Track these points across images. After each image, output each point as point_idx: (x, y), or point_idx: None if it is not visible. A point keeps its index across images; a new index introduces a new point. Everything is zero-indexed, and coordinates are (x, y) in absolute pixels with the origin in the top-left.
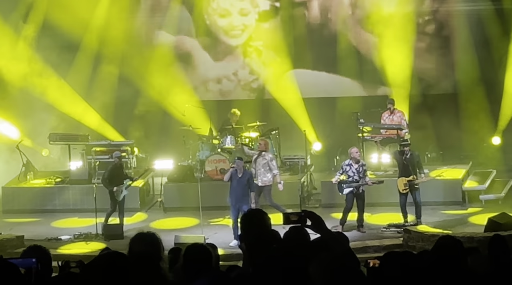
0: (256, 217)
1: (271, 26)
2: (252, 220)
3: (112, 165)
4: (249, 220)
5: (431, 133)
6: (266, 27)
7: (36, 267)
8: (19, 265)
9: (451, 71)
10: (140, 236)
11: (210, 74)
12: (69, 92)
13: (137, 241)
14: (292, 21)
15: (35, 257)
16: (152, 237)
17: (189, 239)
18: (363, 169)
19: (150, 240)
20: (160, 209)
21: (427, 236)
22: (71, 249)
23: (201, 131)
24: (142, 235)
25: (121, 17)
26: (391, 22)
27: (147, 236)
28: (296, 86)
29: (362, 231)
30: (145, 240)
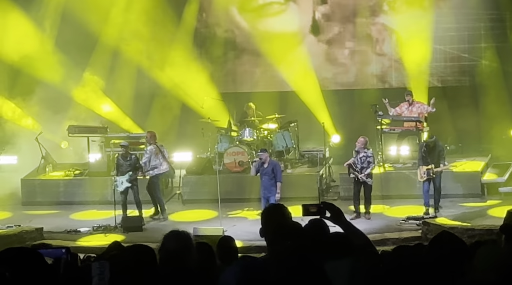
0: (275, 212)
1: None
2: (271, 214)
3: (118, 154)
4: (267, 214)
5: (450, 125)
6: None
7: (66, 257)
8: (48, 255)
9: (470, 63)
10: (174, 233)
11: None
12: (88, 84)
13: (171, 238)
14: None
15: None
16: (186, 236)
17: (208, 231)
18: (367, 161)
19: (183, 238)
20: (179, 201)
21: (446, 229)
22: (90, 241)
23: (220, 123)
24: (177, 232)
25: (141, 9)
26: (409, 14)
27: (181, 234)
28: (315, 78)
29: (366, 217)
30: (179, 237)
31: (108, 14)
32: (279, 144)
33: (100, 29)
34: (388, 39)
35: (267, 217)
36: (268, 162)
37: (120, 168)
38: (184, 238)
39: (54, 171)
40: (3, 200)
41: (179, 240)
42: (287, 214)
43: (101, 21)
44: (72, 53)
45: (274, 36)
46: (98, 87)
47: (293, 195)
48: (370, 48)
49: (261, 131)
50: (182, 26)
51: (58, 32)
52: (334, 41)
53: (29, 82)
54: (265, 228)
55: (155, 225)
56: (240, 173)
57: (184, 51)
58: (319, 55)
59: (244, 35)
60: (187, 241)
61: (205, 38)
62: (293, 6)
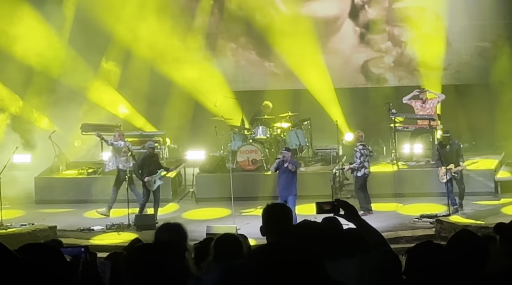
0: (276, 211)
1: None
2: (272, 213)
3: (144, 155)
4: (267, 213)
5: (464, 123)
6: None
7: (85, 256)
8: (67, 253)
9: (484, 61)
10: (166, 226)
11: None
12: (101, 83)
13: (163, 230)
14: None
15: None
16: (178, 227)
17: (221, 230)
18: (355, 156)
19: (175, 230)
20: (192, 200)
21: (460, 227)
22: (103, 239)
23: (233, 121)
24: (168, 225)
25: (153, 9)
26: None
27: (172, 226)
28: (328, 76)
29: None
30: (171, 230)
31: (121, 13)
32: (292, 142)
33: (114, 28)
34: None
35: (268, 216)
36: (289, 161)
37: (147, 168)
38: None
39: (67, 169)
40: (17, 198)
41: (170, 231)
42: (288, 213)
43: (114, 19)
44: (85, 52)
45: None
46: (115, 77)
47: (306, 193)
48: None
49: (274, 129)
50: (195, 24)
51: (72, 31)
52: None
53: (43, 81)
54: (266, 227)
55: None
56: (253, 171)
57: (197, 49)
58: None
59: (258, 33)
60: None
61: (216, 36)
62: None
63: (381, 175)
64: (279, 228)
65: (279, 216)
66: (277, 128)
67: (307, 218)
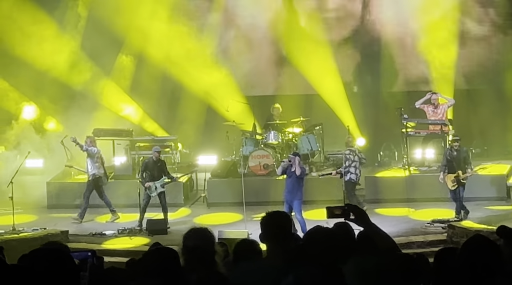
0: (274, 219)
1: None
2: (269, 221)
3: (148, 159)
4: (266, 221)
5: (476, 128)
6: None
7: (92, 260)
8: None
9: (496, 67)
10: (193, 231)
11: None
12: (113, 88)
13: (190, 236)
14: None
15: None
16: (205, 231)
17: (233, 235)
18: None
19: (202, 234)
20: (204, 205)
21: (472, 232)
22: (115, 244)
23: (245, 126)
24: (195, 230)
25: (165, 14)
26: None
27: (199, 231)
28: (340, 81)
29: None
30: (198, 234)
31: (133, 18)
32: (304, 147)
33: (126, 33)
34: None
35: (266, 224)
36: (297, 166)
37: (151, 172)
38: (203, 234)
39: (79, 174)
40: (29, 203)
41: (198, 236)
42: (288, 220)
43: (127, 25)
44: (98, 56)
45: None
46: (127, 82)
47: (318, 198)
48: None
49: (286, 134)
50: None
51: (84, 36)
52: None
53: (55, 86)
54: (265, 234)
55: (179, 228)
56: (265, 176)
57: (210, 54)
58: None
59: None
60: (206, 235)
61: (228, 41)
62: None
63: (393, 180)
64: (278, 235)
65: (277, 224)
66: (289, 133)
67: (318, 223)
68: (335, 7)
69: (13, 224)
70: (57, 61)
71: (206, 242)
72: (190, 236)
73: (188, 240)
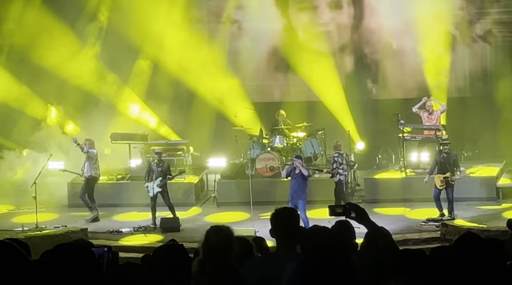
0: (283, 215)
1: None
2: (279, 217)
3: (151, 162)
4: (276, 217)
5: (468, 133)
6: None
7: (108, 255)
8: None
9: (487, 75)
10: (215, 228)
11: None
12: (130, 94)
13: (213, 233)
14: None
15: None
16: (227, 230)
17: (241, 232)
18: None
19: (225, 233)
20: (214, 204)
21: (463, 230)
22: (131, 241)
23: (252, 131)
24: (217, 228)
25: (178, 23)
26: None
27: (221, 229)
28: (341, 89)
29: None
30: (219, 232)
31: (148, 28)
32: (308, 151)
33: (141, 42)
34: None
35: (276, 220)
36: (301, 168)
37: (152, 174)
38: (225, 233)
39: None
40: (51, 202)
41: (220, 234)
42: (295, 216)
43: (142, 34)
44: (115, 65)
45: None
46: (142, 89)
47: (321, 198)
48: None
49: (291, 138)
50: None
51: (103, 46)
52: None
53: (75, 93)
54: (275, 230)
55: (191, 225)
56: (271, 178)
57: (219, 63)
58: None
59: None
60: (228, 235)
61: (237, 52)
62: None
63: (390, 182)
64: (287, 230)
65: (286, 220)
66: (293, 138)
67: (321, 221)
68: (332, 19)
69: (36, 222)
70: (77, 69)
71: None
72: (211, 233)
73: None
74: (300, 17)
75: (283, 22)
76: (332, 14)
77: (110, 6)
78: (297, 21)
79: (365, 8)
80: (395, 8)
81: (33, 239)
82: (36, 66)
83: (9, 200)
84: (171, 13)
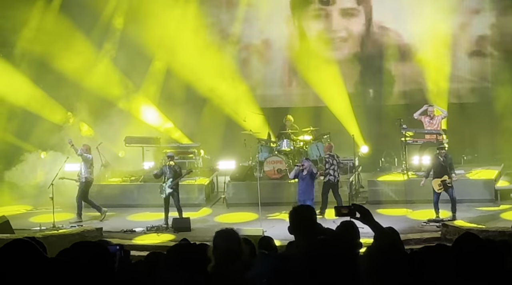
0: (302, 211)
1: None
2: (298, 213)
3: (164, 164)
4: (293, 214)
5: (468, 137)
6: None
7: (120, 253)
8: None
9: (486, 82)
10: (221, 232)
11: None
12: (143, 99)
13: (218, 237)
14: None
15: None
16: (231, 232)
17: (249, 232)
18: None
19: (229, 234)
20: (224, 205)
21: (463, 230)
22: (144, 240)
23: (260, 135)
24: (222, 231)
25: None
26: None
27: (226, 232)
28: (346, 95)
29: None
30: (225, 235)
31: (162, 34)
32: (314, 154)
33: (155, 49)
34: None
35: (295, 216)
36: (309, 170)
37: (165, 175)
38: (230, 234)
39: (112, 177)
40: (67, 202)
41: (227, 237)
42: (312, 213)
43: (155, 41)
44: (129, 71)
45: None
46: (155, 95)
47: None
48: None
49: (298, 142)
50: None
51: (117, 52)
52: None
53: (90, 98)
54: (293, 226)
55: (202, 226)
56: (278, 180)
57: (229, 69)
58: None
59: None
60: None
61: (246, 58)
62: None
63: (393, 183)
64: (303, 227)
65: (303, 216)
66: (300, 141)
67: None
68: (339, 28)
69: (53, 222)
70: (93, 75)
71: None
72: (217, 237)
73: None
74: (308, 26)
75: (292, 32)
76: (340, 24)
77: (126, 13)
78: (305, 30)
79: (372, 19)
80: (400, 18)
81: (50, 238)
82: (53, 71)
83: (28, 201)
84: (184, 19)
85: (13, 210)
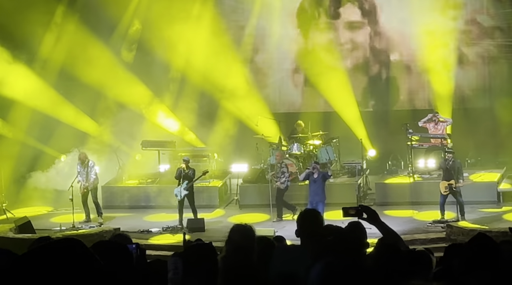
0: (310, 216)
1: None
2: (306, 218)
3: (179, 168)
4: (301, 218)
5: (471, 141)
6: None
7: (136, 252)
8: None
9: (488, 88)
10: (240, 227)
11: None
12: (159, 104)
13: (236, 231)
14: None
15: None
16: (250, 230)
17: (261, 232)
18: (281, 170)
19: (247, 232)
20: (236, 206)
21: (467, 231)
22: (159, 240)
23: (272, 139)
24: (240, 226)
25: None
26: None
27: (245, 228)
28: (354, 100)
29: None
30: (242, 231)
31: (177, 44)
32: (323, 157)
33: (171, 57)
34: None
35: (303, 220)
36: (318, 173)
37: (179, 179)
38: (248, 232)
39: (129, 179)
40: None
41: (243, 233)
42: (319, 218)
43: (171, 50)
44: (146, 78)
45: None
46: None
47: (335, 201)
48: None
49: (308, 146)
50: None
51: (134, 58)
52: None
53: (108, 104)
54: (300, 230)
55: (215, 226)
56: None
57: (242, 75)
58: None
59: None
60: (250, 235)
61: (258, 65)
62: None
63: (399, 186)
64: (310, 231)
65: (310, 221)
66: (310, 145)
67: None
68: (348, 39)
69: (73, 222)
70: (111, 81)
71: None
72: (235, 231)
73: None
74: (318, 36)
75: (302, 40)
76: (348, 34)
77: (142, 21)
78: (315, 40)
79: (378, 28)
80: (405, 27)
81: None
82: (72, 77)
83: (49, 202)
84: (199, 27)
85: (35, 211)
